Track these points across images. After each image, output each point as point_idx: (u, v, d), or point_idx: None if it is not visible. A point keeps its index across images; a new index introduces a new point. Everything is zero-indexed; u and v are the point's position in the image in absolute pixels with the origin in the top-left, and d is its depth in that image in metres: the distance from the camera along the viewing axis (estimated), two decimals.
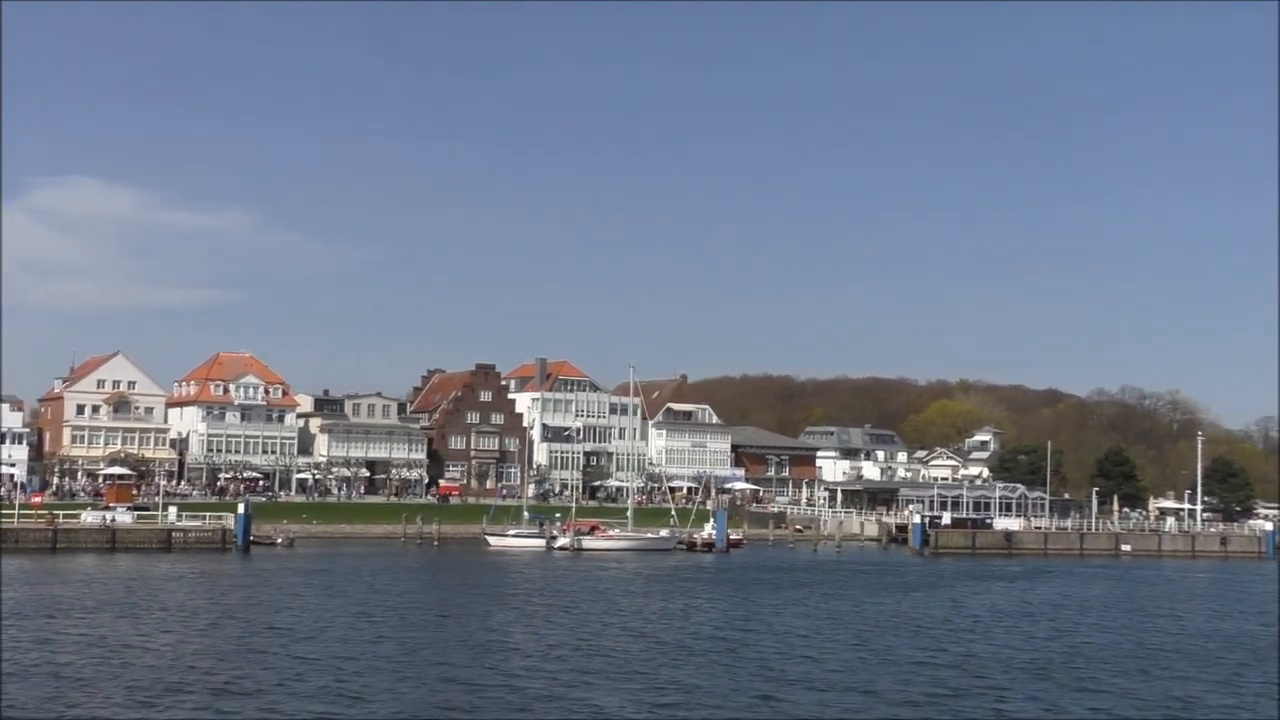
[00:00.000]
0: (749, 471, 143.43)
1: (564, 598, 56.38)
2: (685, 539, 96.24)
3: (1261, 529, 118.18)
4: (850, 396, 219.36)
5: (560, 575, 70.13)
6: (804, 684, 33.95)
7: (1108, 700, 32.81)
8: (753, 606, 53.96)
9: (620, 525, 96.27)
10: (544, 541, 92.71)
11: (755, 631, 45.22)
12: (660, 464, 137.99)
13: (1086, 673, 37.24)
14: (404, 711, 29.26)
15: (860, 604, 56.19)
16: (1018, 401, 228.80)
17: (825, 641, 42.77)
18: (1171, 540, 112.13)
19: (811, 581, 68.79)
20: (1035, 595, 64.06)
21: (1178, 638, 46.93)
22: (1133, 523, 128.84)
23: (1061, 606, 57.81)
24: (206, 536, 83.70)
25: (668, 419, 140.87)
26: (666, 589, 62.05)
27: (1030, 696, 33.13)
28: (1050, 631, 47.59)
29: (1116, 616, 54.11)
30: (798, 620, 49.07)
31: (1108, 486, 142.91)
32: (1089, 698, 33.09)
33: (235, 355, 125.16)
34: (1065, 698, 32.99)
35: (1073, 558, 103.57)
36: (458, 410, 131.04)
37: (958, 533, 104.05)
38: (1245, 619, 54.81)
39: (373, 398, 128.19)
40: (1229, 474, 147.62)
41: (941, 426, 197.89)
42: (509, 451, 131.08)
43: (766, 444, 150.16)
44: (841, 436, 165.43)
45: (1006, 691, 33.59)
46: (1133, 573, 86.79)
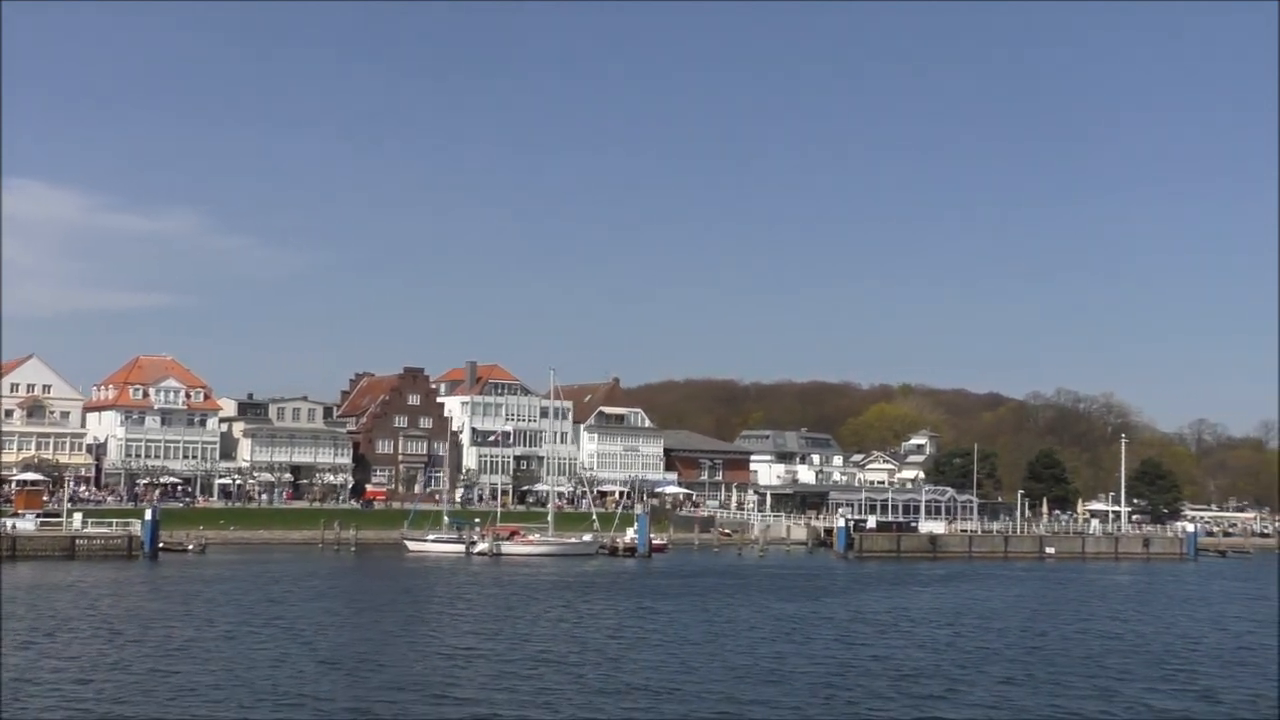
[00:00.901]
0: (682, 475, 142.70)
1: (461, 604, 55.28)
2: (607, 543, 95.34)
3: (1184, 531, 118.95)
4: (793, 400, 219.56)
5: (467, 582, 68.94)
6: (657, 692, 33.13)
7: (956, 708, 32.16)
8: (652, 612, 53.09)
9: (541, 530, 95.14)
10: (463, 547, 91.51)
11: (644, 638, 44.31)
12: (591, 468, 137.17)
13: (963, 678, 36.67)
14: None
15: (764, 609, 55.45)
16: (959, 405, 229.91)
17: (715, 649, 41.91)
18: (1095, 542, 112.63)
19: (724, 587, 68.01)
20: (945, 600, 63.69)
21: (1070, 642, 46.49)
22: (1062, 525, 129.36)
23: (966, 611, 57.35)
24: (114, 544, 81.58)
25: (599, 422, 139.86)
26: (572, 595, 61.02)
27: (884, 700, 32.51)
28: (950, 636, 47.02)
29: (1019, 620, 53.70)
30: (694, 627, 48.17)
31: (1038, 489, 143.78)
32: (946, 705, 32.48)
33: (156, 358, 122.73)
34: (921, 705, 32.34)
35: (997, 560, 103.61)
36: (385, 414, 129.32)
37: (882, 536, 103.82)
38: (1142, 622, 54.60)
39: (298, 401, 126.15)
40: (1157, 476, 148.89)
41: (880, 430, 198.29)
42: (438, 456, 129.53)
43: (700, 448, 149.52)
44: (777, 440, 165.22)
45: (868, 700, 32.85)
46: (1051, 575, 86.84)
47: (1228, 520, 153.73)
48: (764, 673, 36.65)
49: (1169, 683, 37.39)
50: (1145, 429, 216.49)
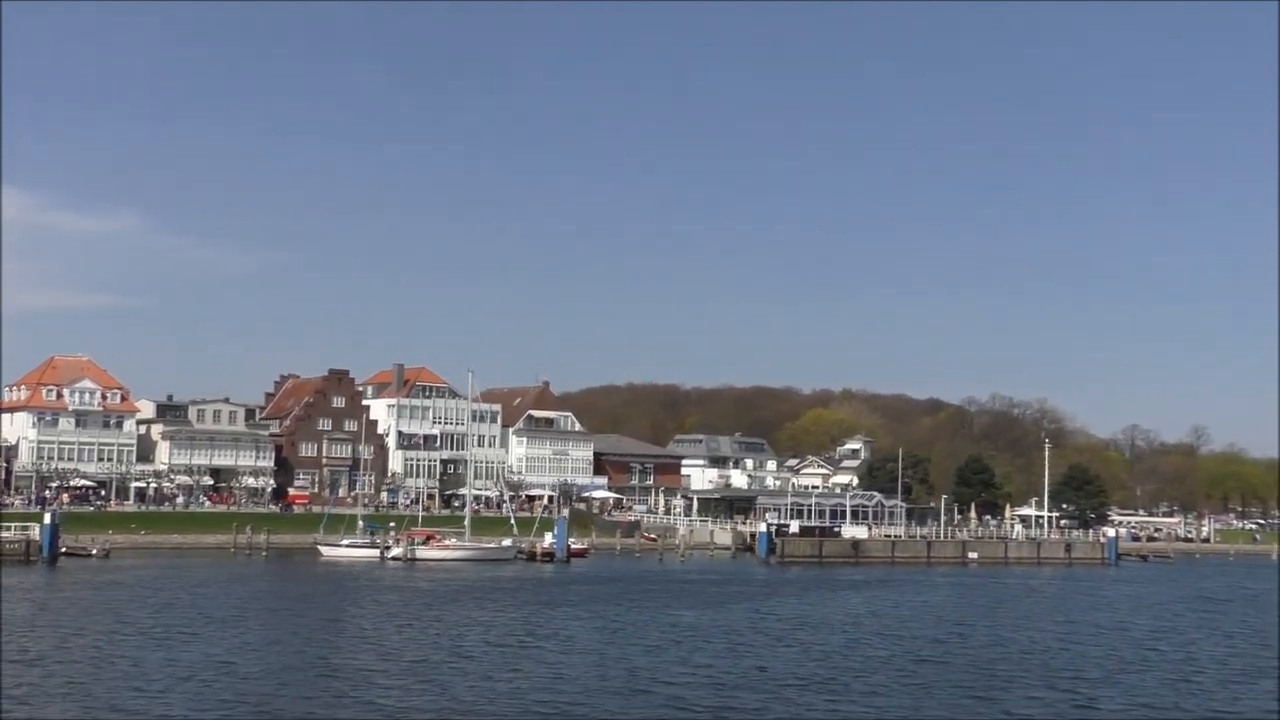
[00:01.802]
0: (612, 480, 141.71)
1: (352, 611, 53.90)
2: (526, 548, 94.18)
3: (1105, 536, 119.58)
4: (734, 405, 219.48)
5: (369, 588, 67.48)
6: (521, 703, 32.13)
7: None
8: (544, 619, 52.04)
9: (457, 535, 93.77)
10: (378, 552, 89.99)
11: (527, 647, 43.26)
12: (520, 472, 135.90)
13: (840, 688, 35.93)
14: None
15: (663, 617, 54.48)
16: (899, 411, 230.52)
17: (597, 659, 40.88)
18: (1018, 547, 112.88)
19: (632, 593, 67.04)
20: (852, 606, 63.01)
21: (963, 649, 45.90)
22: (989, 530, 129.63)
23: (870, 618, 56.69)
24: (11, 548, 79.33)
25: (528, 426, 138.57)
26: (473, 601, 59.82)
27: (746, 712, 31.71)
28: (844, 645, 46.21)
29: (921, 627, 53.10)
30: (584, 636, 47.13)
31: (967, 494, 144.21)
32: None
33: (72, 359, 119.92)
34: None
35: (920, 565, 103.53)
36: (309, 417, 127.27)
37: (804, 541, 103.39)
38: (1043, 629, 54.20)
39: (219, 404, 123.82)
40: (1084, 482, 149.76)
41: (816, 435, 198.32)
42: (363, 459, 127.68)
43: (631, 452, 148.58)
44: (710, 445, 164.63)
45: (731, 713, 32.03)
46: (969, 581, 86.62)
47: (1153, 525, 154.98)
48: (632, 684, 35.64)
49: (1052, 690, 36.80)
50: (1079, 434, 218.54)
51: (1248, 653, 47.26)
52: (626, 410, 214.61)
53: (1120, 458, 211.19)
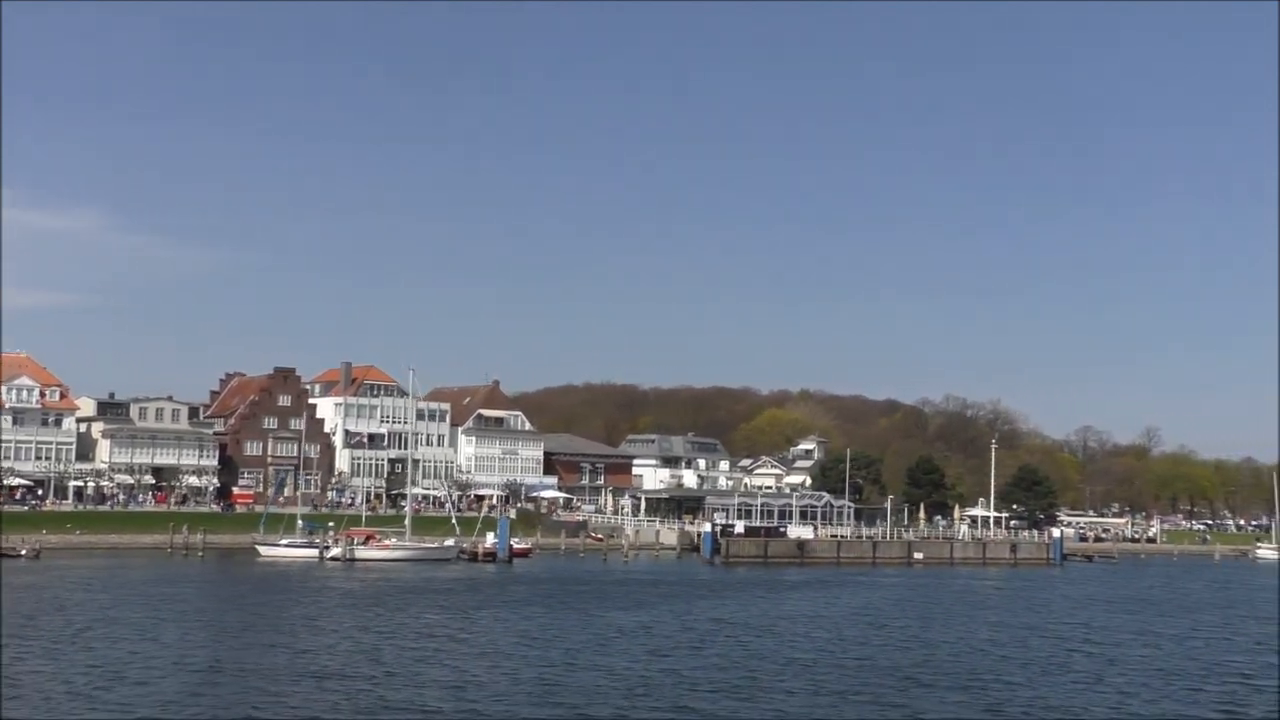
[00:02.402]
0: (563, 479, 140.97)
1: (271, 612, 52.87)
2: (468, 548, 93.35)
3: (1050, 536, 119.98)
4: (692, 406, 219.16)
5: (300, 588, 66.39)
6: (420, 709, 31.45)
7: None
8: (468, 622, 51.26)
9: (398, 535, 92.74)
10: (317, 552, 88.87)
11: (444, 650, 42.51)
12: (469, 471, 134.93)
13: (749, 693, 35.44)
14: None
15: (593, 618, 53.81)
16: (856, 411, 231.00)
17: (515, 662, 40.20)
18: (963, 548, 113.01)
19: (568, 594, 66.36)
20: (786, 608, 62.51)
21: (887, 652, 45.53)
22: (938, 531, 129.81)
23: (801, 620, 56.18)
24: None
25: (477, 425, 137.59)
26: (401, 603, 58.93)
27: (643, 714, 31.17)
28: (768, 648, 45.58)
29: (854, 630, 52.70)
30: (505, 638, 46.46)
31: (917, 495, 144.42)
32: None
33: (11, 355, 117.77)
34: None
35: (865, 566, 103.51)
36: (254, 415, 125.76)
37: (750, 541, 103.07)
38: (975, 630, 53.96)
39: (162, 401, 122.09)
40: (1034, 482, 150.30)
41: (771, 435, 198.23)
42: (309, 458, 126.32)
43: (582, 451, 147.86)
44: (663, 445, 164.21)
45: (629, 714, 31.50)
46: (913, 581, 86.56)
47: (1101, 526, 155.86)
48: (537, 690, 34.95)
49: (964, 692, 36.47)
50: (1032, 436, 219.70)
51: (1170, 654, 47.16)
52: (584, 410, 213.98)
53: (1073, 459, 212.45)
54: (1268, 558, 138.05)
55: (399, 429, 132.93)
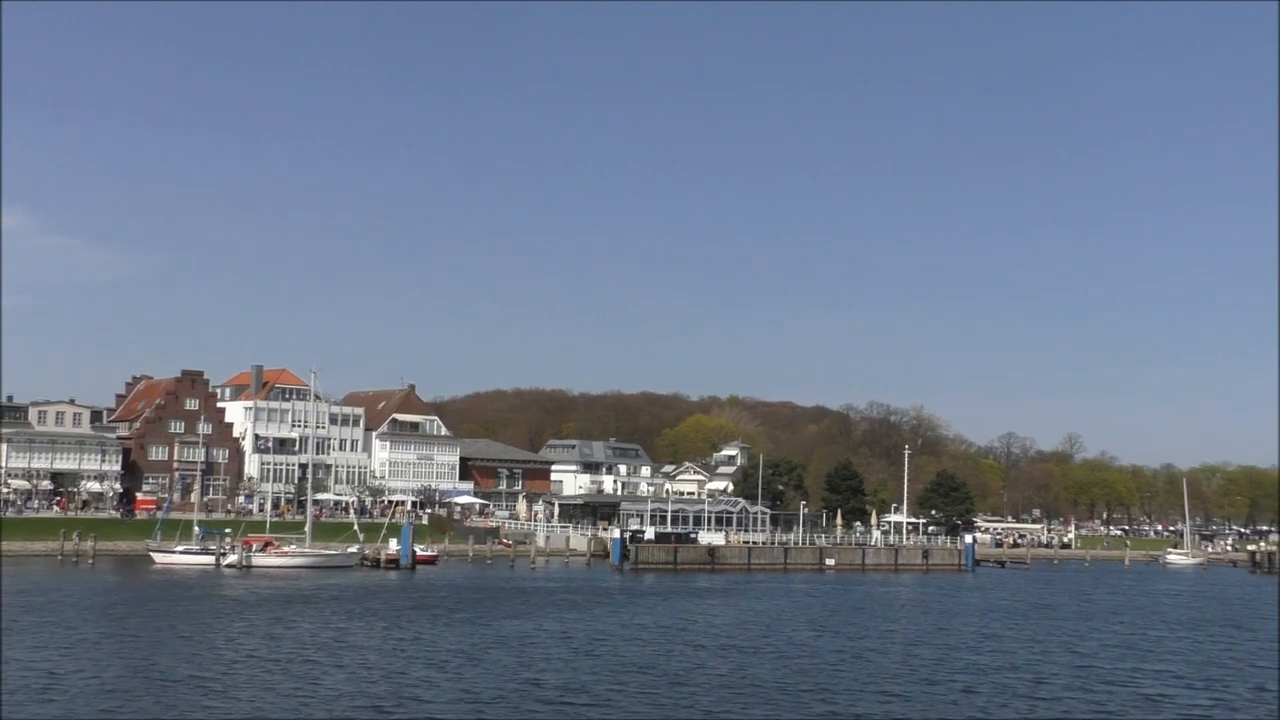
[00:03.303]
0: (480, 485, 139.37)
1: (135, 622, 50.90)
2: (370, 555, 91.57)
3: (962, 542, 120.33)
4: (621, 411, 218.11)
5: (186, 595, 64.32)
6: None
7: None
8: (343, 631, 49.56)
9: (299, 541, 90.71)
10: (213, 559, 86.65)
11: (294, 660, 41.00)
12: (383, 477, 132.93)
13: (603, 702, 34.40)
14: None
15: (472, 628, 52.45)
16: (785, 417, 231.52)
17: (370, 674, 38.86)
18: (875, 554, 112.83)
19: (458, 602, 64.86)
20: (681, 616, 61.41)
21: (759, 660, 44.70)
22: (856, 536, 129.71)
23: (688, 629, 55.13)
24: None
25: (392, 430, 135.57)
26: (282, 611, 57.10)
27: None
28: (648, 658, 44.51)
29: (743, 639, 51.81)
30: (375, 647, 44.99)
31: (835, 500, 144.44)
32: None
33: None
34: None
35: (777, 572, 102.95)
36: (160, 419, 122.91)
37: (660, 548, 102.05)
38: (842, 639, 53.35)
39: (63, 405, 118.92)
40: (951, 488, 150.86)
41: (695, 441, 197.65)
42: (217, 463, 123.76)
43: (500, 457, 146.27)
44: (583, 450, 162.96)
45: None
46: (819, 587, 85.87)
47: (1018, 532, 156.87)
48: (388, 702, 33.64)
49: (823, 704, 35.67)
50: (955, 442, 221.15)
51: (1052, 662, 46.78)
52: (512, 416, 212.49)
53: (995, 465, 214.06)
54: (1178, 563, 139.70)
55: (311, 433, 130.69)
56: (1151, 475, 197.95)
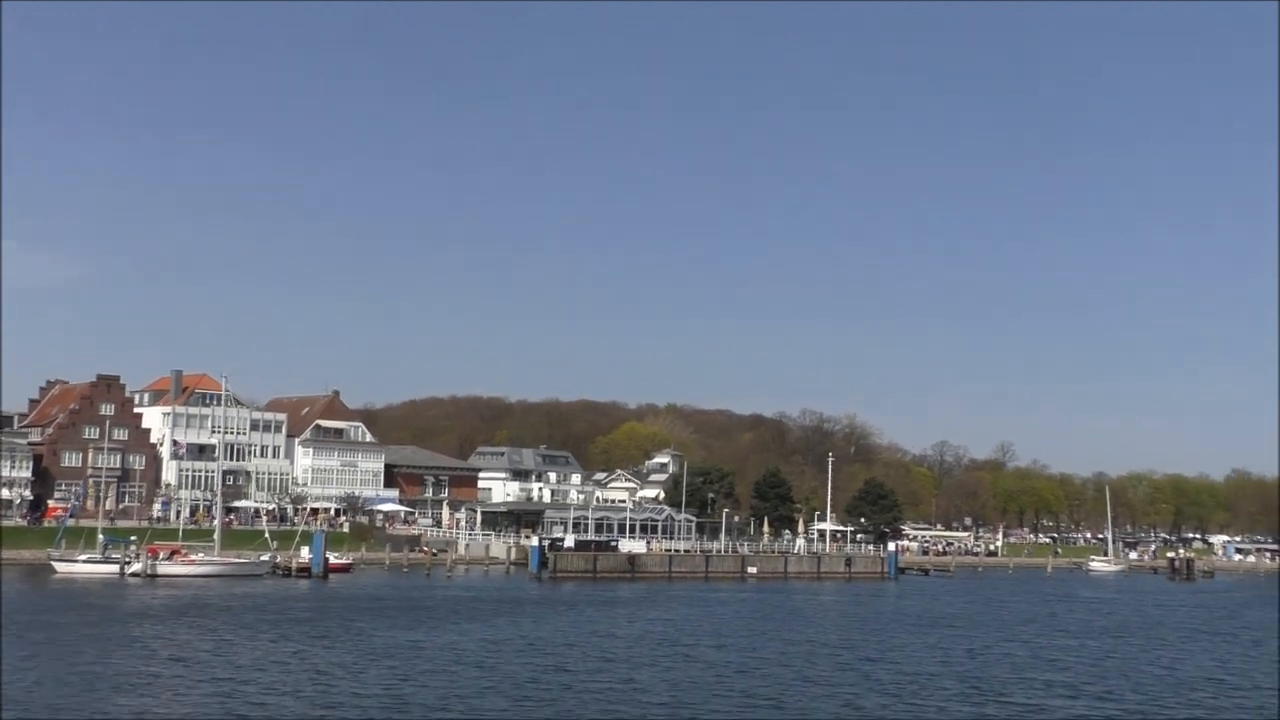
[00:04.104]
0: (405, 492, 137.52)
1: (16, 632, 49.24)
2: (282, 563, 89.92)
3: (885, 550, 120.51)
4: (558, 419, 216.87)
5: (76, 606, 62.31)
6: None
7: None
8: (226, 641, 48.15)
9: (206, 549, 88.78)
10: (118, 568, 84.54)
11: (169, 673, 39.67)
12: (305, 483, 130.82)
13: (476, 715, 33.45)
14: None
15: (360, 639, 51.27)
16: (721, 425, 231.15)
17: (228, 686, 37.59)
18: (798, 562, 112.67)
19: (358, 612, 63.53)
20: (583, 626, 60.66)
21: (633, 670, 43.95)
22: (783, 544, 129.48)
23: (587, 640, 54.25)
24: None
25: (315, 436, 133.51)
26: (175, 622, 55.46)
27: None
28: (530, 673, 43.48)
29: (646, 649, 51.04)
30: (253, 659, 43.66)
31: (764, 508, 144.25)
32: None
33: None
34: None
35: (698, 580, 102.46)
36: (73, 425, 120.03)
37: (579, 556, 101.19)
38: (741, 650, 52.74)
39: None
40: (879, 496, 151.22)
41: (628, 449, 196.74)
42: (133, 470, 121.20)
43: (427, 464, 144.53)
44: (513, 458, 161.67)
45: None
46: (736, 596, 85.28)
47: (946, 540, 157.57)
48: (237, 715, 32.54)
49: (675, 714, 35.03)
50: (889, 450, 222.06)
51: (945, 672, 46.43)
52: (449, 423, 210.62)
53: (929, 473, 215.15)
54: (1100, 570, 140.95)
55: (231, 440, 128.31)
56: (1080, 484, 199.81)
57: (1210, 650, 57.40)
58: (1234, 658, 54.48)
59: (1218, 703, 40.55)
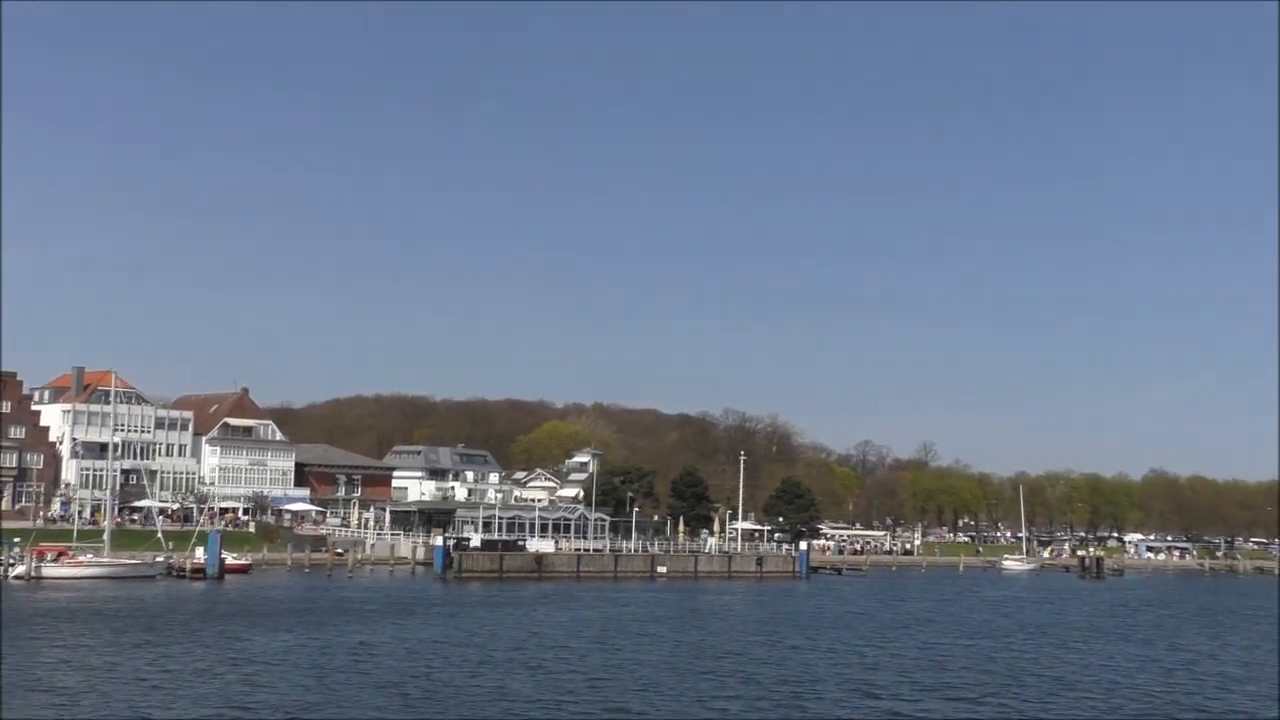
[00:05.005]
0: (317, 492, 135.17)
1: None
2: (177, 565, 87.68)
3: (797, 550, 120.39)
4: (483, 418, 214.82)
5: None
6: None
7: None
8: (68, 651, 46.27)
9: (95, 550, 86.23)
10: (1, 570, 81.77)
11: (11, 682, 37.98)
12: (212, 483, 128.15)
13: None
14: None
15: (239, 641, 49.74)
16: (649, 425, 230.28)
17: (61, 699, 36.01)
18: (708, 561, 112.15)
19: (245, 615, 61.78)
20: (472, 626, 59.47)
21: (504, 672, 42.97)
22: (699, 543, 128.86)
23: (466, 644, 53.14)
24: None
25: (223, 435, 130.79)
26: (42, 628, 53.50)
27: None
28: (394, 674, 42.50)
29: (520, 652, 50.04)
30: (103, 666, 42.03)
31: (680, 507, 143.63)
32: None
33: None
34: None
35: (607, 580, 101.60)
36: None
37: (485, 556, 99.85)
38: (630, 651, 51.89)
39: None
40: (796, 495, 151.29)
41: (549, 448, 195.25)
42: (30, 469, 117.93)
43: (340, 463, 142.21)
44: (429, 456, 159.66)
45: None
46: (643, 596, 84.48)
47: (863, 539, 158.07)
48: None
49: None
50: (815, 450, 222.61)
51: (832, 672, 45.89)
52: (373, 422, 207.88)
53: (851, 473, 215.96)
54: (1013, 569, 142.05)
55: (135, 439, 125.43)
56: (999, 483, 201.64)
57: (1095, 650, 57.41)
58: (1119, 656, 54.49)
59: (1095, 702, 40.29)
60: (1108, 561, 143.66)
